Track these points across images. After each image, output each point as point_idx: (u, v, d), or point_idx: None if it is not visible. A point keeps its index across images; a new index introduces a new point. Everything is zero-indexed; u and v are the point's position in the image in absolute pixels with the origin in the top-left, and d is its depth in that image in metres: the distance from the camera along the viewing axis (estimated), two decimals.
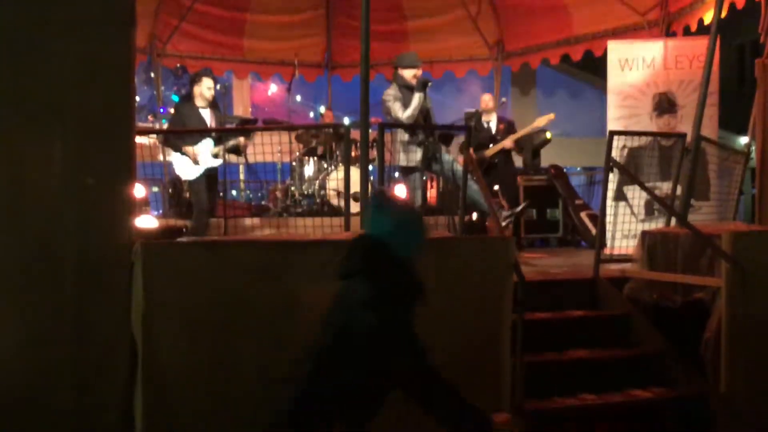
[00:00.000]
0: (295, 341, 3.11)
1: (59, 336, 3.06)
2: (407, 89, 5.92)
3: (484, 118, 7.59)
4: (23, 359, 3.01)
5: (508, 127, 7.57)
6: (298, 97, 12.97)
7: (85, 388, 3.06)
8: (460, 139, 7.70)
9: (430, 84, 5.94)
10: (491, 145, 7.48)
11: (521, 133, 7.40)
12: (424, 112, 5.94)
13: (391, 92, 5.96)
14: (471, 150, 7.32)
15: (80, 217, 3.10)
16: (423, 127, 5.95)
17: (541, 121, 7.38)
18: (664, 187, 6.41)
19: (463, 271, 3.58)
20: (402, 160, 5.98)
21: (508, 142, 7.39)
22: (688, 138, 5.59)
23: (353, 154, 6.97)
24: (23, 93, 3.06)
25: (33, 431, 3.00)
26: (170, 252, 3.15)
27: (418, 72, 6.01)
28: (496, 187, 7.47)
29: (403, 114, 5.84)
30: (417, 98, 5.83)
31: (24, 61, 3.07)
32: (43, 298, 3.06)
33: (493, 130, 7.52)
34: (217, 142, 6.25)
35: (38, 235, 3.06)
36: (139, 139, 7.38)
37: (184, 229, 5.76)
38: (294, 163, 8.34)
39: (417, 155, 5.90)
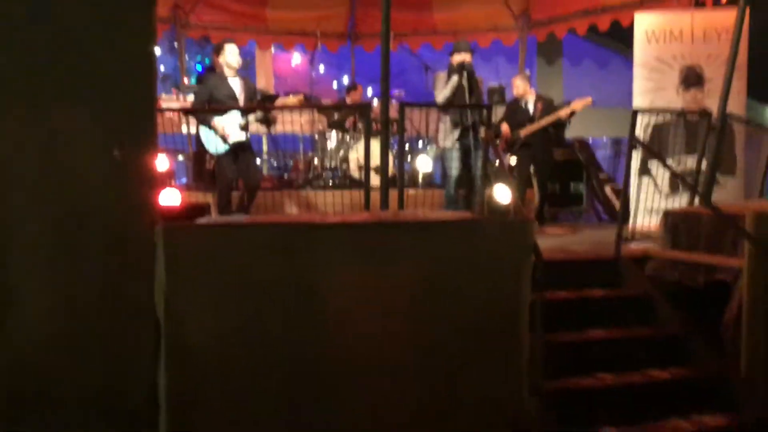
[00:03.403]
0: (316, 321, 3.20)
1: (89, 308, 3.12)
2: (452, 73, 6.40)
3: (522, 99, 7.47)
4: (54, 331, 3.07)
5: (545, 106, 7.38)
6: (321, 68, 12.93)
7: (112, 363, 3.12)
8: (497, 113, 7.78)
9: (466, 65, 6.31)
10: (528, 125, 7.39)
11: (555, 116, 7.22)
12: (462, 93, 6.28)
13: (441, 75, 6.54)
14: (506, 127, 7.39)
15: (104, 193, 3.13)
16: (447, 106, 6.12)
17: (577, 105, 7.14)
18: (689, 162, 6.33)
19: (481, 252, 3.59)
20: (440, 140, 6.47)
21: (543, 123, 7.27)
22: (714, 115, 5.49)
23: (375, 127, 6.98)
24: (43, 67, 3.08)
25: (63, 407, 3.08)
26: (191, 235, 3.18)
27: (464, 57, 6.42)
28: (532, 168, 7.45)
29: (439, 95, 6.38)
30: (452, 80, 6.31)
31: (43, 34, 3.09)
32: (72, 270, 3.10)
33: (531, 110, 7.39)
34: (244, 114, 6.20)
35: (67, 204, 3.09)
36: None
37: (206, 207, 5.79)
38: (317, 136, 8.37)
39: (454, 134, 6.30)
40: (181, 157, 9.28)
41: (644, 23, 6.91)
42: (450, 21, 10.05)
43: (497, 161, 6.13)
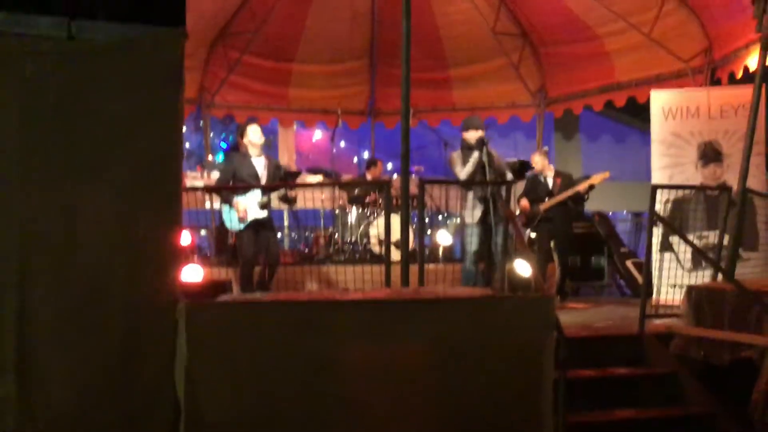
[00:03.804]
0: (335, 398, 3.17)
1: (108, 388, 3.13)
2: (469, 150, 6.33)
3: (541, 175, 7.60)
4: (75, 410, 3.06)
5: (564, 180, 7.49)
6: (342, 143, 13.15)
7: None
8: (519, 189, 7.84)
9: (486, 142, 6.24)
10: (547, 199, 7.47)
11: (574, 190, 7.29)
12: (481, 168, 6.21)
13: (455, 154, 6.46)
14: (525, 203, 7.46)
15: (129, 269, 3.19)
16: (468, 182, 6.15)
17: (595, 179, 7.23)
18: (711, 237, 6.29)
19: (502, 329, 3.56)
20: (466, 216, 6.35)
21: (561, 197, 7.35)
22: (734, 190, 5.49)
23: (395, 202, 7.06)
24: (76, 146, 3.19)
25: None
26: (212, 312, 3.21)
27: (479, 133, 6.36)
28: (552, 242, 7.47)
29: (461, 172, 6.28)
30: (473, 157, 6.23)
31: (77, 117, 3.21)
32: (93, 349, 3.13)
33: (550, 185, 7.49)
34: (265, 192, 6.32)
35: (89, 285, 3.14)
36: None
37: (228, 284, 5.83)
38: (337, 211, 8.46)
39: (478, 211, 6.21)
40: (203, 232, 9.40)
41: (660, 100, 7.00)
42: (468, 98, 10.26)
43: (516, 236, 6.11)
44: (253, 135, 6.39)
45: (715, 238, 6.00)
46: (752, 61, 6.91)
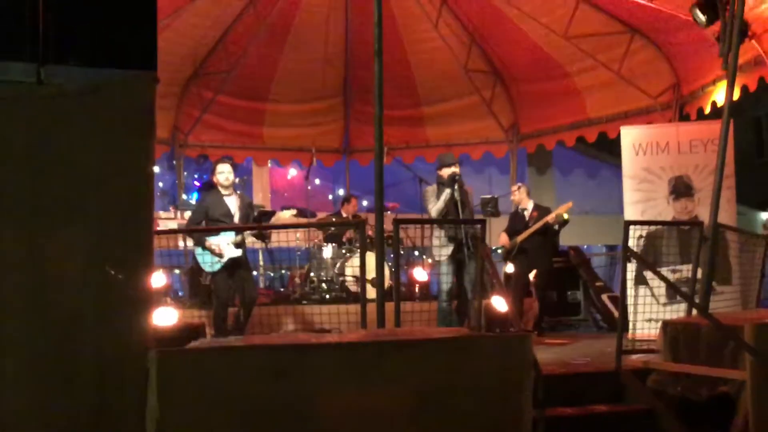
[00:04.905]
0: None
1: None
2: (443, 186, 6.43)
3: (520, 207, 7.74)
4: None
5: (541, 213, 7.58)
6: (317, 181, 13.14)
7: None
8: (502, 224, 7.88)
9: (457, 178, 6.33)
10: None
11: (543, 221, 7.37)
12: (454, 205, 6.29)
13: (430, 189, 6.59)
14: (503, 237, 7.52)
15: (99, 318, 3.11)
16: (443, 221, 6.18)
17: (560, 210, 7.33)
18: (684, 270, 6.34)
19: (480, 369, 3.53)
20: (435, 254, 6.41)
21: (532, 229, 7.41)
22: (705, 225, 5.55)
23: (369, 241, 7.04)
24: (44, 191, 3.13)
25: None
26: (185, 359, 3.14)
27: (453, 169, 6.45)
28: (532, 274, 7.51)
29: (433, 208, 6.37)
30: (445, 193, 6.34)
31: (46, 161, 3.16)
32: (61, 402, 3.04)
33: (527, 218, 7.60)
34: (238, 231, 6.23)
35: (58, 335, 3.06)
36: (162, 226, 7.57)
37: (201, 327, 5.74)
38: (313, 249, 8.41)
39: (448, 249, 6.25)
40: (177, 271, 9.29)
41: (630, 136, 7.10)
42: (442, 135, 10.36)
43: (492, 272, 6.13)
44: (221, 175, 6.30)
45: (689, 272, 6.04)
46: (719, 96, 7.05)
